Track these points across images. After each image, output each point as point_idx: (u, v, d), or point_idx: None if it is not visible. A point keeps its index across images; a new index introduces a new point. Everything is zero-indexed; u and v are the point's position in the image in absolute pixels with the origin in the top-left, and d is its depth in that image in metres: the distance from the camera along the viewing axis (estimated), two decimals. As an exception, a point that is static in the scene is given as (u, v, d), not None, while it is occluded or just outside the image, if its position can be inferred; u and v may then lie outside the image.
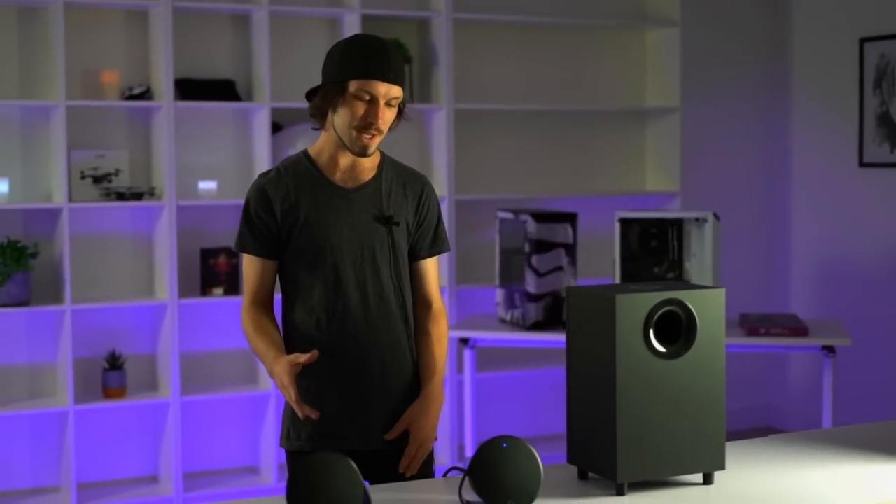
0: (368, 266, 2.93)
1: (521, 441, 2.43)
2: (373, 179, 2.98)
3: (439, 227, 3.07)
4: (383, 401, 2.96)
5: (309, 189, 2.93)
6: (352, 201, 2.94)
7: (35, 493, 5.44)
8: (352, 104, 2.85)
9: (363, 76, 2.82)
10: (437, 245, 3.07)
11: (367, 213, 2.95)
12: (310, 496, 2.27)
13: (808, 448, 2.89)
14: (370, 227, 2.94)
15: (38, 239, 5.44)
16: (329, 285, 2.92)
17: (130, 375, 5.63)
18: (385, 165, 3.02)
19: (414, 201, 3.02)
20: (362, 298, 2.93)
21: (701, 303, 2.55)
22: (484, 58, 6.36)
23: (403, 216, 2.99)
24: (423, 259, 3.05)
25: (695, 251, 5.23)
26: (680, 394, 2.54)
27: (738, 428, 7.10)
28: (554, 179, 6.56)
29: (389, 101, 2.86)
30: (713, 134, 6.98)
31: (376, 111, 2.84)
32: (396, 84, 2.86)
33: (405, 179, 3.03)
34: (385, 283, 2.95)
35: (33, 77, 5.42)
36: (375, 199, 2.96)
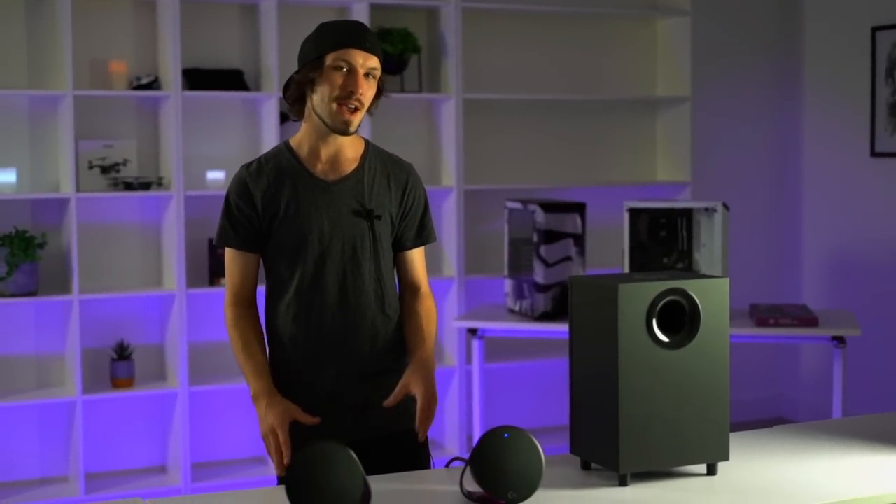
0: (349, 260, 2.88)
1: (523, 431, 2.41)
2: (355, 171, 2.92)
3: (425, 217, 3.01)
4: (362, 393, 2.91)
5: (290, 181, 2.88)
6: (333, 194, 2.89)
7: (43, 483, 5.45)
8: (330, 76, 2.80)
9: (339, 46, 2.79)
10: (422, 235, 3.01)
11: (349, 207, 2.89)
12: (310, 488, 2.26)
13: (814, 439, 2.87)
14: (351, 220, 2.89)
15: (46, 229, 5.44)
16: (307, 279, 2.87)
17: (138, 366, 5.63)
18: (368, 155, 2.95)
19: (398, 192, 2.96)
20: (340, 292, 2.88)
21: (704, 292, 2.53)
22: (493, 47, 6.33)
23: (387, 208, 2.93)
24: (408, 250, 3.00)
25: (704, 241, 5.20)
26: (683, 384, 2.52)
27: (749, 419, 7.07)
28: (563, 169, 6.54)
29: (368, 72, 2.81)
30: (724, 124, 6.94)
31: (356, 79, 2.80)
32: (373, 54, 2.82)
33: (389, 169, 2.96)
34: (365, 278, 2.89)
35: (41, 67, 5.41)
36: (357, 192, 2.90)
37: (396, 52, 5.82)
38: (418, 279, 3.02)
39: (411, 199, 2.98)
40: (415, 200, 2.98)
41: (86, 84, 5.49)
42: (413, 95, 5.85)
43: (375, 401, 2.92)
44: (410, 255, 3.01)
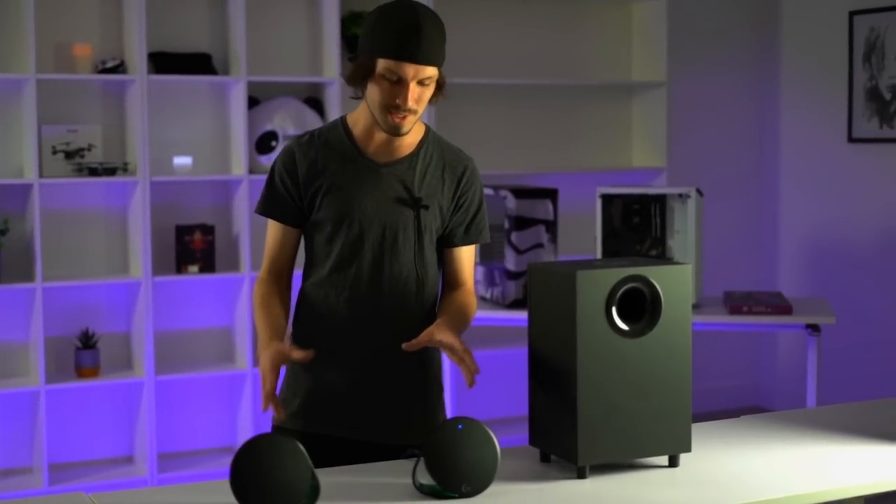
0: (388, 247, 2.72)
1: (478, 422, 2.34)
2: (409, 156, 2.76)
3: (479, 214, 2.84)
4: (382, 390, 2.75)
5: (338, 158, 2.74)
6: (381, 176, 2.74)
7: (7, 475, 5.36)
8: (380, 83, 2.63)
9: (391, 56, 2.60)
10: (472, 233, 2.83)
11: (395, 192, 2.74)
12: (254, 480, 2.18)
13: (781, 429, 2.81)
14: (396, 207, 2.73)
15: (9, 215, 5.34)
16: (344, 261, 2.73)
17: (104, 354, 5.53)
18: (427, 142, 2.79)
19: (452, 185, 2.79)
20: (375, 280, 2.72)
21: (666, 279, 2.46)
22: (466, 31, 6.25)
23: (437, 199, 2.76)
24: (456, 247, 2.83)
25: (678, 228, 5.14)
26: (644, 373, 2.45)
27: (726, 408, 7.02)
28: (537, 155, 6.46)
29: (421, 80, 2.64)
30: (700, 109, 6.87)
31: (405, 94, 2.62)
32: (428, 65, 2.62)
33: (447, 160, 2.80)
34: (404, 268, 2.74)
35: (5, 50, 5.30)
36: (407, 178, 2.75)
37: (367, 36, 5.72)
38: (464, 277, 2.85)
39: (466, 194, 2.81)
40: (470, 195, 2.82)
41: (50, 68, 5.39)
42: (384, 80, 5.76)
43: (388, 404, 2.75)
44: (458, 253, 2.83)
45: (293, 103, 5.66)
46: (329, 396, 2.75)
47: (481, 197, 2.85)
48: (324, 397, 2.75)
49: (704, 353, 6.98)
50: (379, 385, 2.75)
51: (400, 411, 2.77)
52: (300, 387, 2.78)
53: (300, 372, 2.79)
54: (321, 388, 2.76)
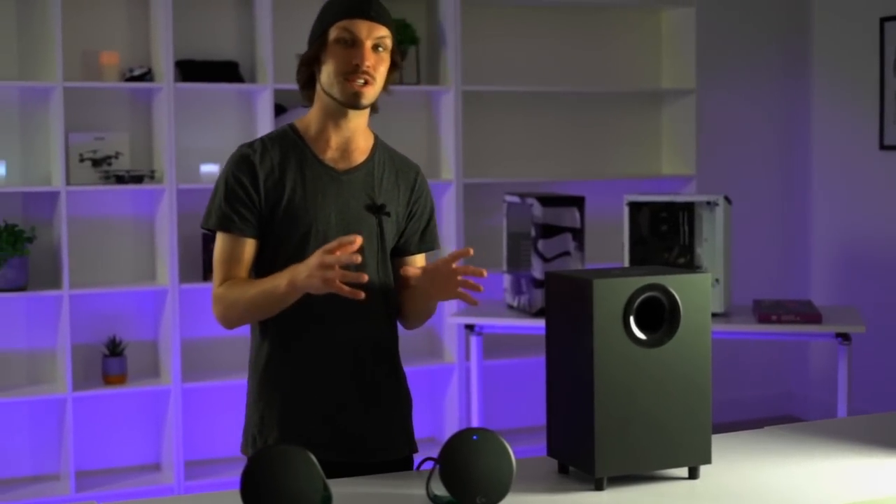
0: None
1: (493, 434, 2.31)
2: (365, 162, 2.69)
3: (431, 221, 2.80)
4: (363, 406, 2.68)
5: (296, 165, 2.64)
6: (342, 185, 2.66)
7: (35, 481, 5.37)
8: (334, 51, 2.59)
9: (342, 16, 2.59)
10: (427, 241, 2.80)
11: (358, 200, 2.66)
12: (265, 491, 2.16)
13: (805, 440, 2.76)
14: (360, 215, 2.66)
15: (38, 223, 5.36)
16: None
17: (131, 362, 5.54)
18: (378, 148, 2.74)
19: (406, 192, 2.74)
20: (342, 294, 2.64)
21: (685, 288, 2.42)
22: (493, 38, 6.22)
23: (394, 207, 2.72)
24: (410, 255, 2.78)
25: (706, 236, 5.09)
26: (663, 384, 2.41)
27: (757, 417, 6.95)
28: (565, 163, 6.43)
29: (376, 43, 2.59)
30: (730, 116, 6.82)
31: (361, 52, 2.57)
32: (381, 23, 2.60)
33: (398, 167, 2.75)
34: (370, 278, 2.67)
35: (32, 58, 5.33)
36: (367, 185, 2.68)
37: (394, 44, 5.71)
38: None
39: (419, 201, 2.77)
40: (422, 202, 2.78)
41: (77, 76, 5.41)
42: (411, 88, 5.75)
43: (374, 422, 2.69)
44: (411, 262, 2.79)
45: (320, 111, 5.65)
46: (306, 420, 2.66)
47: (433, 205, 2.81)
48: (301, 422, 2.66)
49: (735, 361, 6.92)
50: (356, 401, 2.68)
51: (384, 424, 2.72)
52: (274, 417, 2.68)
53: (274, 401, 2.67)
54: (296, 413, 2.66)
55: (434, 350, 6.09)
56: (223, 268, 2.64)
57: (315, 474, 2.19)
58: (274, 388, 2.68)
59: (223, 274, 2.64)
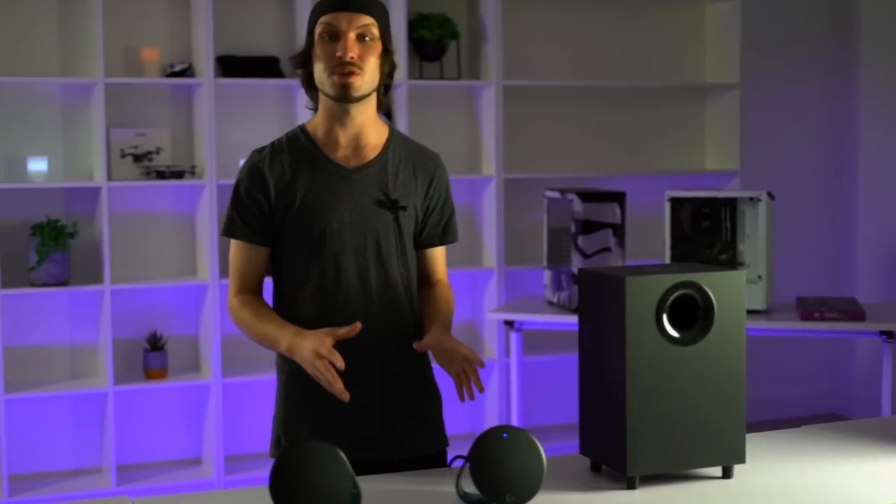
0: (372, 255, 2.64)
1: (524, 432, 2.29)
2: (378, 157, 2.68)
3: (453, 212, 2.79)
4: (388, 407, 2.68)
5: (307, 168, 2.64)
6: (354, 182, 2.65)
7: (77, 475, 5.41)
8: (319, 47, 2.61)
9: (324, 12, 2.61)
10: (449, 233, 2.79)
11: (371, 196, 2.65)
12: (294, 489, 2.15)
13: (843, 440, 2.72)
14: (374, 211, 2.65)
15: (80, 218, 5.39)
16: (328, 277, 2.63)
17: (172, 357, 5.56)
18: (392, 142, 2.72)
19: (425, 184, 2.72)
20: (364, 291, 2.64)
21: (719, 286, 2.39)
22: (534, 32, 6.19)
23: (411, 199, 2.70)
24: (431, 247, 2.77)
25: (749, 232, 5.03)
26: (696, 382, 2.38)
27: (801, 415, 6.88)
28: (608, 158, 6.38)
29: (361, 32, 2.60)
30: (775, 111, 6.74)
31: (344, 45, 2.57)
32: (361, 12, 2.60)
33: (416, 159, 2.73)
34: (391, 274, 2.66)
35: (74, 54, 5.36)
36: (380, 181, 2.67)
37: (434, 38, 5.70)
38: (438, 274, 2.80)
39: (438, 193, 2.75)
40: (441, 195, 2.76)
41: (119, 72, 5.43)
42: (452, 82, 5.73)
43: (401, 419, 2.69)
44: (433, 254, 2.78)
45: (360, 106, 5.64)
46: (335, 419, 2.66)
47: (451, 196, 2.80)
48: (330, 421, 2.67)
49: (779, 359, 6.85)
50: (383, 398, 2.68)
51: (411, 421, 2.71)
52: (302, 417, 2.69)
53: (300, 402, 2.69)
54: (323, 412, 2.67)
55: (474, 346, 6.07)
56: (236, 276, 2.69)
57: (344, 472, 2.18)
58: (301, 389, 2.69)
59: (237, 282, 2.69)
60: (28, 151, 5.31)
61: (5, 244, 5.26)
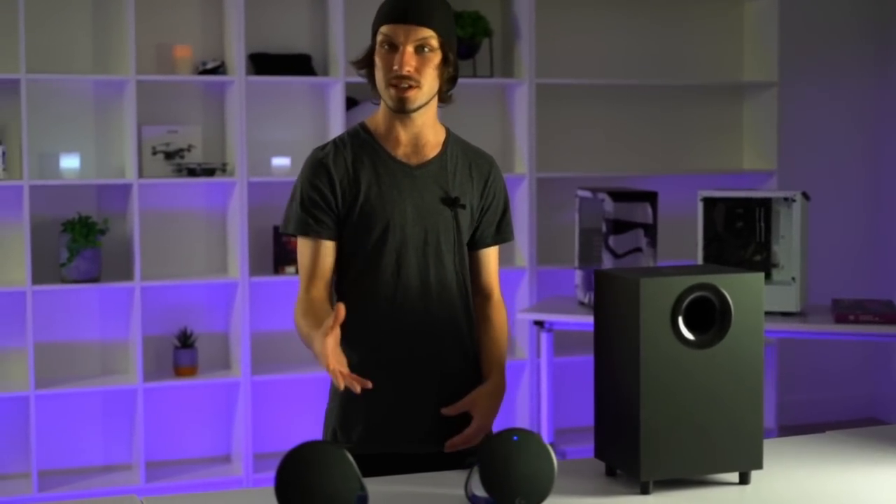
0: (432, 252, 2.67)
1: (534, 434, 2.25)
2: (437, 156, 2.71)
3: (506, 213, 2.80)
4: (442, 401, 2.69)
5: (369, 163, 2.67)
6: (416, 179, 2.68)
7: (107, 471, 5.42)
8: (379, 56, 2.62)
9: (385, 21, 2.61)
10: (502, 233, 2.80)
11: (433, 194, 2.68)
12: (300, 488, 2.13)
13: (867, 445, 2.66)
14: (435, 208, 2.68)
15: (112, 215, 5.41)
16: (388, 272, 2.65)
17: (202, 354, 5.57)
18: (450, 142, 2.75)
19: (480, 184, 2.75)
20: (423, 287, 2.66)
21: (736, 288, 2.34)
22: (568, 30, 6.14)
23: (468, 199, 2.72)
24: (486, 247, 2.78)
25: (783, 233, 4.96)
26: (713, 386, 2.34)
27: (838, 419, 6.78)
28: (643, 158, 6.32)
29: (420, 44, 2.59)
30: (814, 110, 6.65)
31: (400, 58, 2.57)
32: (421, 24, 2.59)
33: (471, 159, 2.76)
34: (448, 272, 2.69)
35: (107, 52, 5.37)
36: (441, 179, 2.70)
37: (467, 36, 5.66)
38: (491, 283, 2.81)
39: (493, 193, 2.76)
40: (496, 194, 2.77)
41: (151, 69, 5.44)
42: (485, 80, 5.70)
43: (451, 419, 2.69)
44: (486, 255, 2.79)
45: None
46: (390, 414, 2.68)
47: (507, 196, 2.81)
48: (385, 416, 2.68)
49: (817, 362, 6.76)
50: (437, 395, 2.69)
51: (461, 418, 2.71)
52: (359, 411, 2.69)
53: (356, 396, 2.68)
54: (380, 407, 2.68)
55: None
56: (305, 274, 2.68)
57: (351, 473, 2.15)
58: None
59: (306, 280, 2.68)
60: (61, 148, 5.33)
61: (37, 240, 5.28)
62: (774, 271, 4.97)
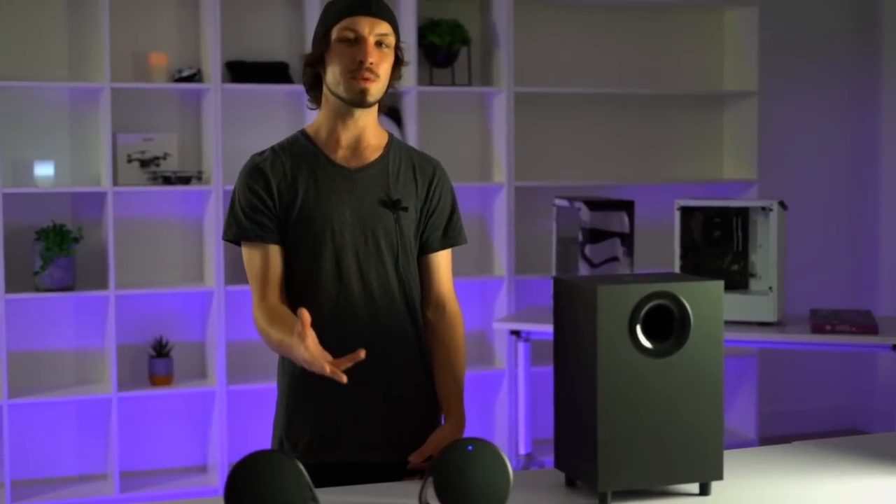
0: (372, 256, 2.64)
1: (489, 444, 2.22)
2: (379, 159, 2.68)
3: (454, 216, 2.76)
4: (390, 408, 2.66)
5: (308, 168, 2.64)
6: (356, 182, 2.65)
7: (82, 481, 5.38)
8: (338, 50, 2.59)
9: (343, 15, 2.59)
10: (450, 237, 2.75)
11: (373, 197, 2.65)
12: (249, 499, 2.10)
13: (836, 456, 2.63)
14: (375, 211, 2.65)
15: (87, 223, 5.37)
16: (329, 277, 2.62)
17: (178, 363, 5.53)
18: (392, 145, 2.73)
19: (424, 185, 2.71)
20: (366, 292, 2.63)
21: (695, 296, 2.31)
22: (547, 38, 6.12)
23: (412, 201, 2.69)
24: (434, 252, 2.74)
25: (761, 242, 4.94)
26: (672, 396, 2.31)
27: (820, 430, 6.76)
28: (623, 167, 6.30)
29: (379, 40, 2.59)
30: (795, 119, 6.64)
31: (364, 49, 2.57)
32: (382, 19, 2.60)
33: (415, 161, 2.73)
34: (390, 276, 2.65)
35: (82, 59, 5.35)
36: (381, 181, 2.67)
37: (444, 44, 5.65)
38: (444, 291, 2.75)
39: (438, 195, 2.73)
40: (442, 196, 2.74)
41: (126, 76, 5.41)
42: (463, 89, 5.68)
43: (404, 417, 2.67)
44: (436, 260, 2.74)
45: (369, 112, 5.60)
46: (337, 422, 2.64)
47: (454, 198, 2.78)
48: (332, 424, 2.64)
49: (797, 372, 6.74)
50: (384, 401, 2.66)
51: (409, 424, 2.69)
52: (305, 420, 2.66)
53: (302, 405, 2.65)
54: (326, 415, 2.64)
55: (484, 356, 6.01)
56: (256, 282, 2.64)
57: (302, 482, 2.12)
58: (303, 393, 2.65)
59: (258, 289, 2.63)
60: (35, 156, 5.30)
61: (11, 248, 5.25)
62: (752, 281, 4.95)
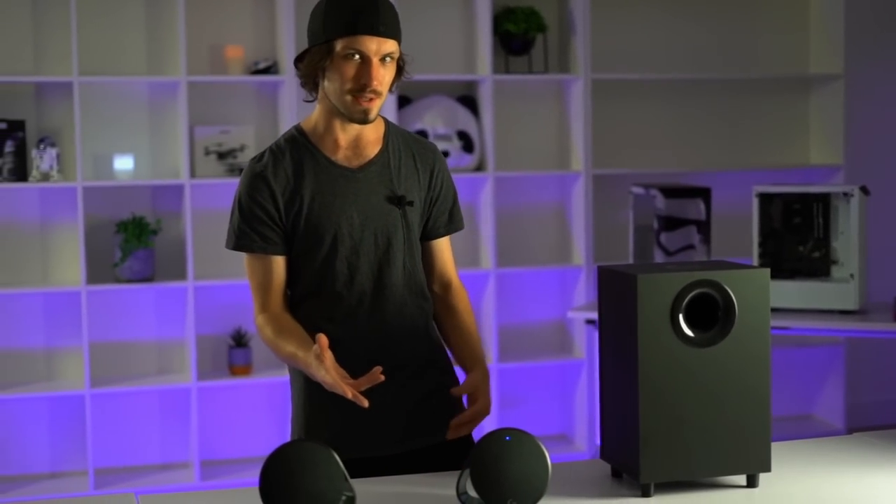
0: (383, 254, 2.60)
1: (528, 434, 2.20)
2: (379, 154, 2.63)
3: (455, 201, 2.74)
4: (403, 402, 2.64)
5: (310, 172, 2.58)
6: (359, 182, 2.60)
7: (163, 469, 5.46)
8: (341, 66, 2.49)
9: (349, 32, 2.48)
10: (453, 222, 2.74)
11: (378, 195, 2.61)
12: (284, 490, 2.10)
13: (887, 449, 2.55)
14: (382, 209, 2.60)
15: (166, 215, 5.44)
16: (341, 281, 2.58)
17: (256, 353, 5.57)
18: (390, 135, 2.66)
19: (426, 175, 2.67)
20: (378, 291, 2.60)
21: (740, 285, 2.26)
22: (624, 24, 6.04)
23: (416, 193, 2.65)
24: (438, 238, 2.72)
25: (842, 229, 4.83)
26: (717, 386, 2.26)
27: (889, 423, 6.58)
28: (704, 153, 6.19)
29: (384, 57, 2.51)
30: (883, 102, 6.46)
31: (369, 71, 2.48)
32: (389, 37, 2.50)
33: (414, 150, 2.68)
34: (400, 271, 2.62)
35: (160, 53, 5.41)
36: (384, 178, 2.62)
37: (520, 32, 5.60)
38: (449, 271, 2.76)
39: (440, 183, 2.70)
40: (444, 183, 2.71)
41: (203, 70, 5.46)
42: (539, 76, 5.63)
43: (423, 408, 2.66)
44: (440, 245, 2.74)
45: (444, 101, 5.59)
46: (357, 419, 2.61)
47: (453, 182, 2.74)
48: (352, 421, 2.62)
49: (884, 362, 6.58)
50: (403, 395, 2.64)
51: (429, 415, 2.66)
52: (324, 419, 2.64)
53: (319, 405, 2.64)
54: (346, 412, 2.60)
55: (564, 345, 5.97)
56: (258, 293, 2.62)
57: (337, 473, 2.12)
58: (320, 392, 2.61)
59: (260, 300, 2.62)
60: (114, 150, 5.38)
61: (92, 240, 5.34)
62: (833, 268, 4.84)
